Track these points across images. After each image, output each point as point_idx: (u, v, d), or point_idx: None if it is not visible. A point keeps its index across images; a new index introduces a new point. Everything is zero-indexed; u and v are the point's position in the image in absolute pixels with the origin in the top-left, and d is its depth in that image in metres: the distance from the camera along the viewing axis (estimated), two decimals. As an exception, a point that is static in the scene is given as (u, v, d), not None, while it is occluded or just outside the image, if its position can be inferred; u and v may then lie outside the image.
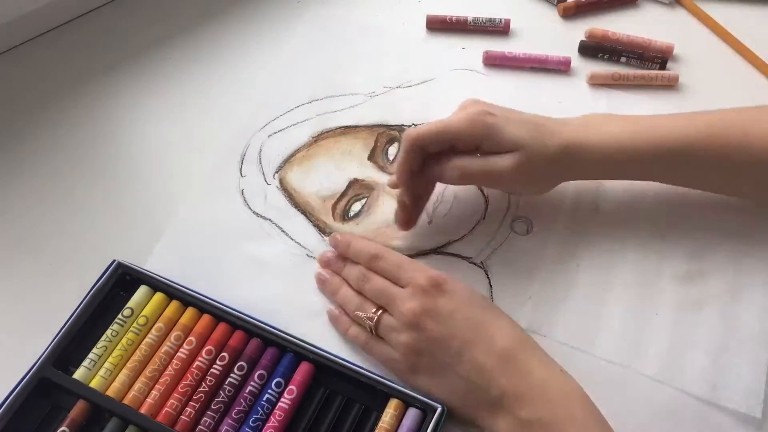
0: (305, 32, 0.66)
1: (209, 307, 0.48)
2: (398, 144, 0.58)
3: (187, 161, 0.59)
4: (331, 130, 0.60)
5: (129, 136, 0.61)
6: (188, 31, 0.67)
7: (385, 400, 0.45)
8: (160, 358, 0.46)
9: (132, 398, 0.45)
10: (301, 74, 0.63)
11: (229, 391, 0.45)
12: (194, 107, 0.62)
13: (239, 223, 0.55)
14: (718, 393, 0.46)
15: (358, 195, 0.56)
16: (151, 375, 0.46)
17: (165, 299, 0.49)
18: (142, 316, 0.48)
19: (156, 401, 0.45)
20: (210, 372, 0.46)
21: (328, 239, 0.53)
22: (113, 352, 0.46)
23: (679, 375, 0.47)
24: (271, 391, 0.45)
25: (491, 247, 0.53)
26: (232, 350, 0.47)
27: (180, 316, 0.48)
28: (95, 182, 0.58)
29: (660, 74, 0.61)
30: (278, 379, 0.46)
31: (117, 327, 0.47)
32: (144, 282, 0.49)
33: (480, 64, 0.64)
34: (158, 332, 0.47)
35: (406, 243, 0.53)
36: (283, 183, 0.57)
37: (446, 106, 0.54)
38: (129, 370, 0.46)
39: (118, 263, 0.50)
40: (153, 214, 0.56)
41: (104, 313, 0.49)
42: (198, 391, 0.45)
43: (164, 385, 0.45)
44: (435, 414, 0.44)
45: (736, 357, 0.47)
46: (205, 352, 0.47)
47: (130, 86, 0.63)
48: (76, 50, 0.65)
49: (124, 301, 0.49)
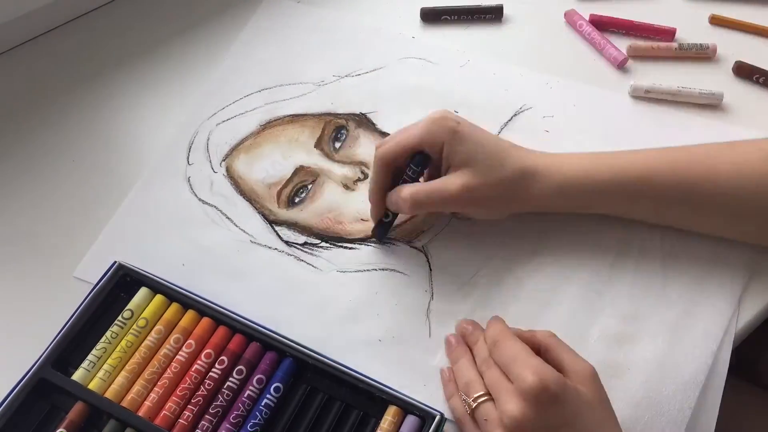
0: (256, 22, 0.67)
1: (209, 311, 0.48)
2: (345, 132, 0.59)
3: (158, 152, 0.59)
4: (279, 119, 0.60)
5: (129, 136, 0.61)
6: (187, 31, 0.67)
7: (384, 406, 0.45)
8: (159, 361, 0.46)
9: (130, 401, 0.45)
10: (252, 64, 0.64)
11: (227, 395, 0.45)
12: (191, 105, 0.62)
13: (185, 209, 0.56)
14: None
15: (303, 181, 0.57)
16: (149, 377, 0.46)
17: (165, 301, 0.49)
18: (142, 318, 0.48)
19: (154, 404, 0.44)
20: (209, 375, 0.46)
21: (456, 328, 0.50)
22: (112, 354, 0.46)
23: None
24: (270, 396, 0.45)
25: (432, 232, 0.54)
26: (231, 354, 0.47)
27: (180, 319, 0.48)
28: (95, 182, 0.58)
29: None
30: (277, 384, 0.45)
31: (117, 329, 0.47)
32: (144, 284, 0.49)
33: (430, 52, 0.64)
34: (158, 335, 0.47)
35: (348, 228, 0.54)
36: (230, 171, 0.58)
37: (394, 95, 0.57)
38: (128, 372, 0.46)
39: (119, 264, 0.50)
40: (167, 199, 0.56)
41: (104, 314, 0.49)
42: (196, 395, 0.45)
43: (163, 388, 0.45)
44: (433, 421, 0.43)
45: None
46: (205, 355, 0.46)
47: (130, 86, 0.63)
48: (76, 50, 0.65)
49: (124, 302, 0.49)
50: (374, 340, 0.49)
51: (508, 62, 0.63)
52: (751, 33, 0.65)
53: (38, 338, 0.47)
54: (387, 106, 0.60)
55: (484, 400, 0.43)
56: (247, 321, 0.48)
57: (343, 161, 0.58)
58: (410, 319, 0.50)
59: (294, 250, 0.53)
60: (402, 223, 0.54)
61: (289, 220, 0.55)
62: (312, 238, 0.54)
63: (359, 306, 0.51)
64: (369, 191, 0.51)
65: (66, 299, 0.49)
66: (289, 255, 0.53)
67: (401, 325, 0.50)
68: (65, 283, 0.52)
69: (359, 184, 0.56)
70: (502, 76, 0.62)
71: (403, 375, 0.48)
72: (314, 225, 0.55)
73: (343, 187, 0.56)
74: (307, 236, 0.54)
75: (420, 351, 0.49)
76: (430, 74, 0.62)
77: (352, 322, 0.50)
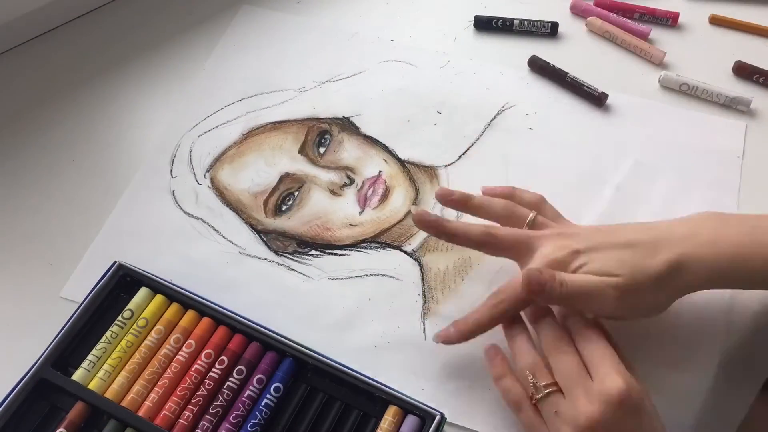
0: (235, 31, 0.66)
1: (209, 310, 0.48)
2: (329, 136, 0.59)
3: (141, 166, 0.58)
4: (262, 126, 0.60)
5: (129, 136, 0.61)
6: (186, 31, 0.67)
7: (384, 406, 0.45)
8: (160, 361, 0.46)
9: (130, 401, 0.45)
10: (232, 73, 0.64)
11: (227, 395, 0.45)
12: (170, 117, 0.61)
13: (171, 223, 0.55)
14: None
15: (289, 189, 0.56)
16: (150, 377, 0.46)
17: (165, 301, 0.49)
18: (142, 318, 0.48)
19: (154, 404, 0.44)
20: (209, 375, 0.46)
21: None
22: (112, 354, 0.46)
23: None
24: (270, 396, 0.45)
25: (422, 235, 0.54)
26: (231, 354, 0.47)
27: (180, 319, 0.48)
28: (95, 182, 0.58)
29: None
30: (277, 384, 0.45)
31: (117, 329, 0.47)
32: (145, 284, 0.49)
33: (409, 55, 0.64)
34: (158, 334, 0.47)
35: (337, 234, 0.54)
36: (214, 182, 0.57)
37: (376, 98, 0.60)
38: (128, 372, 0.46)
39: (119, 264, 0.50)
40: (152, 213, 0.56)
41: (104, 314, 0.49)
42: (196, 395, 0.45)
43: (163, 388, 0.45)
44: (434, 421, 0.43)
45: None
46: (205, 355, 0.46)
47: (131, 86, 0.63)
48: (76, 50, 0.65)
49: (124, 302, 0.49)
50: (369, 346, 0.49)
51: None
52: (751, 33, 0.65)
53: (38, 338, 0.47)
54: (369, 109, 0.60)
55: (553, 390, 0.41)
56: (247, 321, 0.48)
57: (328, 166, 0.57)
58: (405, 324, 0.50)
59: (284, 260, 0.53)
60: (390, 227, 0.54)
61: (277, 229, 0.54)
62: (301, 246, 0.54)
63: (353, 313, 0.51)
64: (476, 318, 0.45)
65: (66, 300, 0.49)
66: (279, 265, 0.53)
67: (395, 330, 0.50)
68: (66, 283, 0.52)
69: (346, 189, 0.56)
70: (482, 76, 0.62)
71: (402, 379, 0.47)
72: (303, 233, 0.54)
73: (330, 192, 0.56)
74: (297, 244, 0.54)
75: (416, 354, 0.49)
76: (410, 76, 0.63)
77: (346, 330, 0.50)
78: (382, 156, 0.58)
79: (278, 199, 0.56)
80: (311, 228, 0.54)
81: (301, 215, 0.55)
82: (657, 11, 0.65)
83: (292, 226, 0.55)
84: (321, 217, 0.55)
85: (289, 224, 0.55)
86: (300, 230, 0.54)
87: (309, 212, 0.55)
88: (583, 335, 0.42)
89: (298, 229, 0.54)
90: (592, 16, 0.65)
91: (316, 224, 0.55)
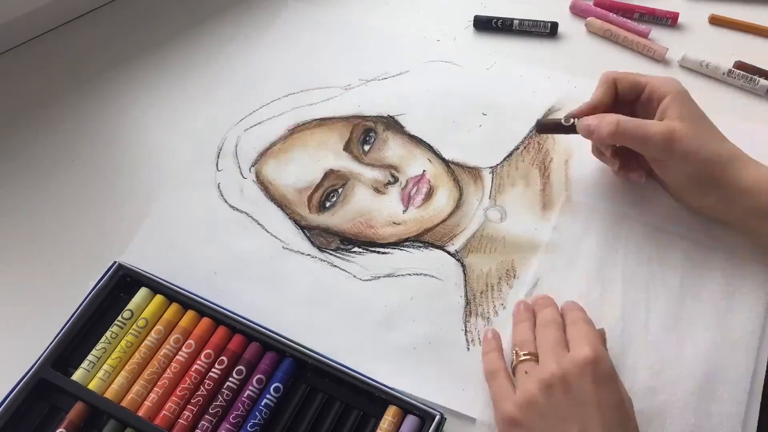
0: (282, 27, 0.66)
1: (209, 311, 0.48)
2: (374, 134, 0.59)
3: (185, 159, 0.59)
4: (307, 123, 0.60)
5: (129, 136, 0.61)
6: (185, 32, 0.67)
7: (384, 406, 0.45)
8: (159, 361, 0.46)
9: (130, 401, 0.45)
10: (278, 68, 0.64)
11: (227, 395, 0.45)
12: (192, 105, 0.62)
13: (215, 216, 0.55)
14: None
15: (333, 185, 0.56)
16: (149, 378, 0.46)
17: (165, 302, 0.49)
18: (141, 318, 0.48)
19: (154, 404, 0.45)
20: (208, 376, 0.46)
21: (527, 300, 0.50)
22: (112, 354, 0.46)
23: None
24: (270, 396, 0.45)
25: (464, 237, 0.54)
26: (231, 354, 0.47)
27: (180, 319, 0.48)
28: (95, 182, 0.58)
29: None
30: (277, 384, 0.45)
31: (116, 329, 0.47)
32: (144, 284, 0.49)
33: (455, 56, 0.64)
34: (158, 335, 0.47)
35: (380, 232, 0.54)
36: (259, 176, 0.57)
37: (421, 97, 0.59)
38: (128, 372, 0.46)
39: (119, 265, 0.50)
40: (196, 206, 0.56)
41: (104, 314, 0.49)
42: (196, 395, 0.45)
43: (162, 388, 0.45)
44: (433, 421, 0.43)
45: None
46: (204, 355, 0.46)
47: (131, 86, 0.63)
48: (76, 50, 0.65)
49: (124, 302, 0.49)
50: (409, 347, 0.49)
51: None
52: (751, 33, 0.65)
53: (38, 338, 0.47)
54: (414, 108, 0.60)
55: (530, 358, 0.44)
56: (247, 321, 0.48)
57: (372, 164, 0.57)
58: (446, 325, 0.50)
59: (327, 256, 0.53)
60: (433, 226, 0.54)
61: (321, 225, 0.55)
62: (344, 243, 0.54)
63: (394, 312, 0.51)
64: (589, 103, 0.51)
65: (66, 299, 0.49)
66: (322, 261, 0.53)
67: (437, 330, 0.50)
68: (66, 284, 0.52)
69: (389, 187, 0.56)
70: (528, 79, 0.62)
71: (442, 380, 0.48)
72: (346, 230, 0.54)
73: (374, 190, 0.56)
74: (340, 241, 0.54)
75: (457, 356, 0.49)
76: (456, 77, 0.62)
77: (387, 329, 0.50)
78: (427, 155, 0.58)
79: (322, 195, 0.56)
80: (354, 225, 0.54)
81: (345, 212, 0.55)
82: (657, 11, 0.65)
83: (336, 223, 0.55)
84: (364, 214, 0.55)
85: (332, 221, 0.55)
86: (343, 227, 0.54)
87: (353, 209, 0.55)
88: (572, 319, 0.46)
89: (342, 225, 0.54)
90: (591, 16, 0.65)
91: (359, 221, 0.55)
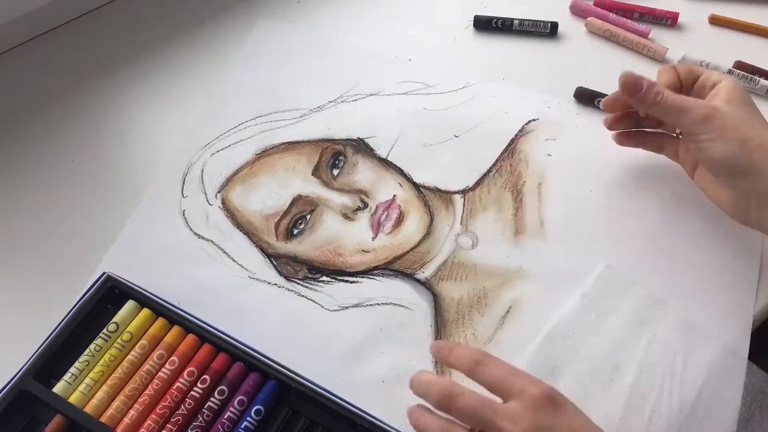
0: (250, 48, 0.65)
1: (195, 327, 0.48)
2: (343, 158, 0.57)
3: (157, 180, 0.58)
4: (275, 147, 0.58)
5: (129, 137, 0.60)
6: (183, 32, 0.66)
7: (365, 433, 0.44)
8: (141, 377, 0.46)
9: (109, 416, 0.44)
10: (246, 91, 0.62)
11: (207, 416, 0.45)
12: (190, 109, 0.61)
13: (180, 244, 0.54)
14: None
15: (301, 212, 0.55)
16: (130, 394, 0.45)
17: (151, 316, 0.48)
18: (126, 332, 0.47)
19: (132, 421, 0.44)
20: (190, 394, 0.45)
21: (429, 348, 0.45)
22: (95, 368, 0.46)
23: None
24: (250, 419, 0.44)
25: (435, 264, 0.52)
26: (214, 373, 0.46)
27: (165, 335, 0.48)
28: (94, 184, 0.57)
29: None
30: (258, 406, 0.45)
31: (101, 342, 0.47)
32: (132, 297, 0.49)
33: (427, 75, 0.62)
34: (141, 350, 0.47)
35: (349, 260, 0.53)
36: (226, 203, 0.56)
37: (393, 119, 0.58)
38: (109, 387, 0.45)
39: (108, 276, 0.49)
40: (161, 234, 0.55)
41: (90, 325, 0.48)
42: (176, 414, 0.45)
43: (143, 405, 0.45)
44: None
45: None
46: (187, 373, 0.46)
47: (130, 87, 0.63)
48: (76, 50, 0.65)
49: (111, 314, 0.48)
50: (378, 380, 0.48)
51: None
52: (751, 33, 0.64)
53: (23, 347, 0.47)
54: (385, 130, 0.59)
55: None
56: (233, 340, 0.47)
57: (342, 189, 0.56)
58: (416, 357, 0.49)
59: (294, 285, 0.52)
60: (404, 254, 0.53)
61: (288, 253, 0.53)
62: (312, 272, 0.53)
63: (363, 343, 0.49)
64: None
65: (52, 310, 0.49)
66: (289, 291, 0.52)
67: (406, 363, 0.48)
68: (53, 293, 0.52)
69: (359, 213, 0.55)
70: (501, 99, 0.60)
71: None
72: (314, 258, 0.53)
73: (343, 216, 0.54)
74: (308, 270, 0.53)
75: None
76: (427, 98, 0.61)
77: (355, 361, 0.48)
78: (397, 179, 0.56)
79: (290, 222, 0.54)
80: (323, 253, 0.53)
81: (313, 239, 0.54)
82: (657, 11, 0.64)
83: (304, 251, 0.53)
84: (333, 241, 0.53)
85: (300, 249, 0.53)
86: (311, 255, 0.53)
87: (321, 237, 0.54)
88: (478, 365, 0.41)
89: (310, 253, 0.53)
90: (591, 16, 0.65)
91: (327, 249, 0.53)
